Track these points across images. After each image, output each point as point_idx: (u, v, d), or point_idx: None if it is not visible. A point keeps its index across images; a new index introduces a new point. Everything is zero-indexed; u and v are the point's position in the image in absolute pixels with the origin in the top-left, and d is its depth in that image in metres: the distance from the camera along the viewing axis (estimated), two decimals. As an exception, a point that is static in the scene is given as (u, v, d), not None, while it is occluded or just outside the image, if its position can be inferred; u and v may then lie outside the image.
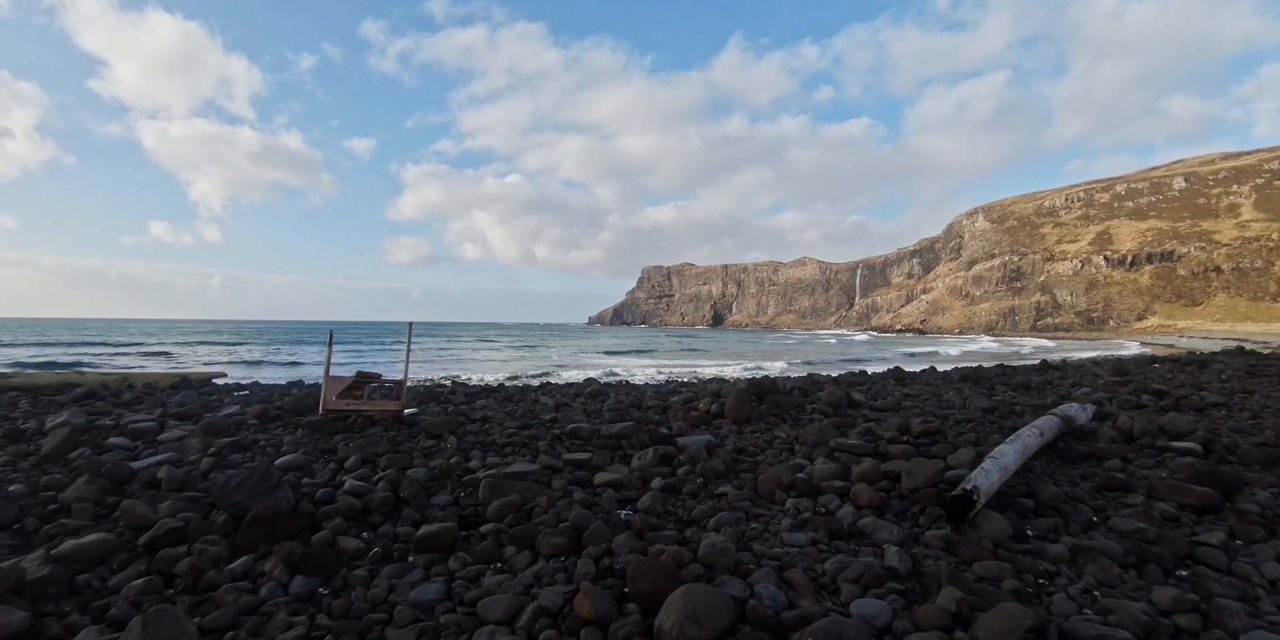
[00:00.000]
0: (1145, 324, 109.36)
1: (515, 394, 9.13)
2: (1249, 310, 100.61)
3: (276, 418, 6.19)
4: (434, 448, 5.23)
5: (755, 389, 7.84)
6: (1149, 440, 5.75)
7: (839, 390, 7.70)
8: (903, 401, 8.21)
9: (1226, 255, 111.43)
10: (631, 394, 8.90)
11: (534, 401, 8.13)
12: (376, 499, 3.90)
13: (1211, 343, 60.50)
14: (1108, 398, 8.34)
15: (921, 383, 9.88)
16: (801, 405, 7.64)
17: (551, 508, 3.89)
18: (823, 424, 5.97)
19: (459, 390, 9.42)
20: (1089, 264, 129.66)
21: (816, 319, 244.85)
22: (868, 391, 9.03)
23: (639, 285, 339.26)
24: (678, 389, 9.51)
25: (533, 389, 9.65)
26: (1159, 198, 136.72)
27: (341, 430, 5.71)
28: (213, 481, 4.01)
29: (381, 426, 5.85)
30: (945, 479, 4.38)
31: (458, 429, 5.70)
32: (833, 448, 5.51)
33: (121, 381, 9.52)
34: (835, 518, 3.84)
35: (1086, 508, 4.14)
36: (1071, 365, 12.47)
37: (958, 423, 6.87)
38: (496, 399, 8.51)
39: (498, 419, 6.36)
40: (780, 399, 7.52)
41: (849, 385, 9.59)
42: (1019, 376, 10.75)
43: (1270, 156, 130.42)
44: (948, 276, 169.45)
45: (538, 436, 5.58)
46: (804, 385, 8.67)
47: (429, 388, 9.97)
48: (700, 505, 4.12)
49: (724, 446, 5.62)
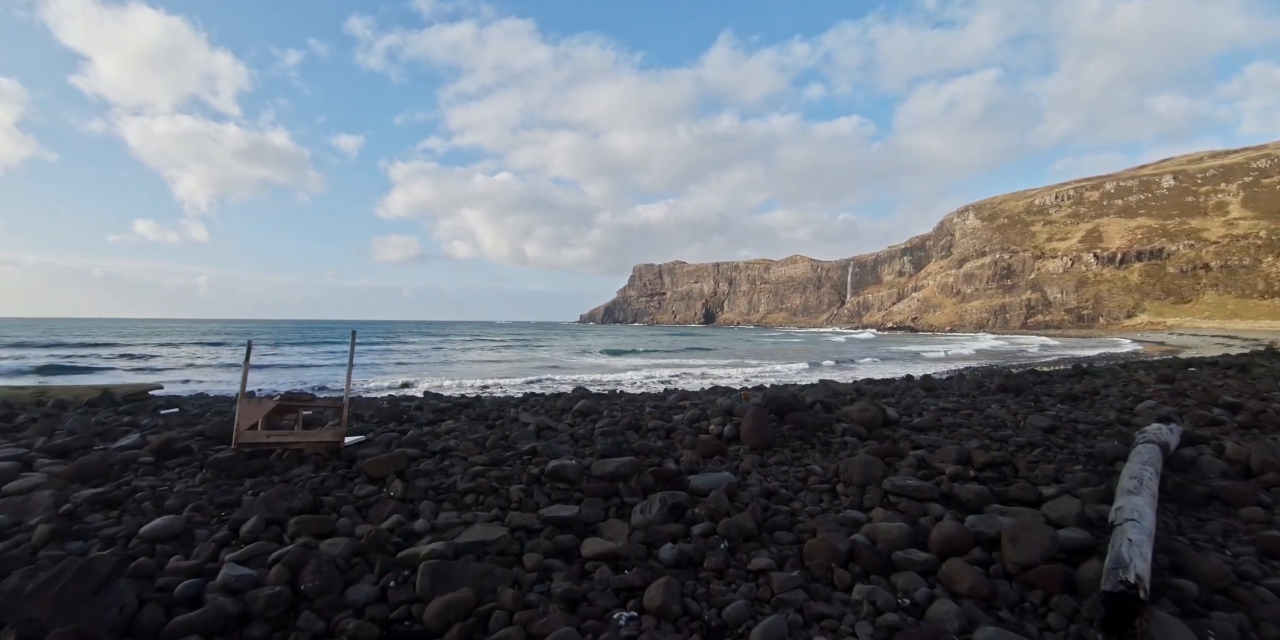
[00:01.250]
0: (1135, 321, 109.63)
1: (492, 410, 7.87)
2: (1237, 307, 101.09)
3: (182, 452, 4.90)
4: (373, 497, 3.98)
5: (773, 405, 6.65)
6: (1275, 476, 4.61)
7: (873, 408, 6.52)
8: (942, 418, 7.06)
9: (1215, 253, 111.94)
10: (628, 410, 7.68)
11: (512, 421, 6.88)
12: (262, 598, 2.65)
13: (1201, 340, 60.40)
14: (1176, 412, 7.23)
15: (955, 393, 8.74)
16: (829, 425, 6.46)
17: (519, 610, 2.66)
18: (867, 458, 4.78)
19: (428, 405, 8.13)
20: (1079, 262, 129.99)
21: (808, 317, 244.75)
22: (898, 404, 7.88)
23: (630, 283, 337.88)
24: (680, 402, 8.30)
25: (514, 403, 8.38)
26: (1148, 196, 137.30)
27: (257, 471, 4.44)
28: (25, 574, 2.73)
29: (312, 464, 4.59)
30: (1061, 545, 3.21)
31: (408, 468, 4.44)
32: (887, 490, 4.33)
33: (33, 397, 8.17)
34: (933, 622, 2.65)
35: (1269, 592, 2.97)
36: (1107, 370, 11.44)
37: (1020, 448, 5.71)
38: (469, 417, 7.25)
39: (463, 451, 5.10)
40: (804, 417, 6.33)
41: (874, 396, 8.43)
42: (1059, 384, 9.66)
43: (1258, 155, 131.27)
44: (939, 274, 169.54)
45: (511, 478, 4.35)
46: (827, 398, 7.48)
47: (393, 402, 8.69)
48: (732, 594, 2.91)
49: (748, 487, 4.42)
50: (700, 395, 9.01)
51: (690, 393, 10.08)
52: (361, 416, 7.47)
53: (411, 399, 9.07)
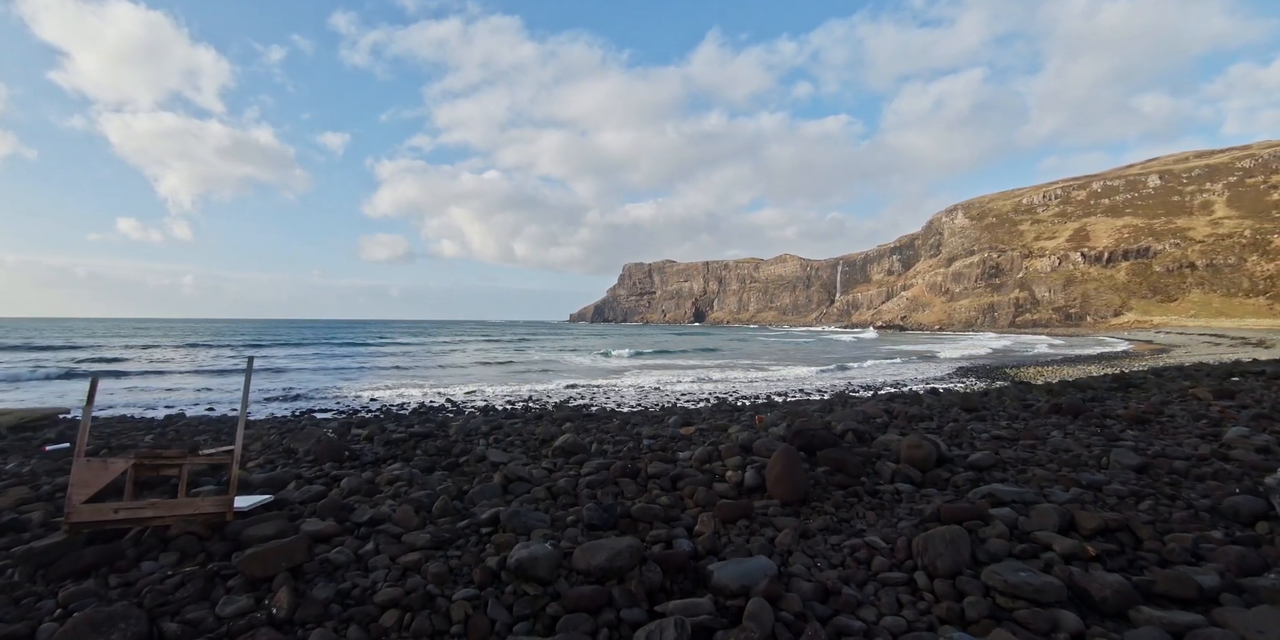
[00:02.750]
0: (1122, 320, 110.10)
1: (456, 442, 6.51)
2: (1222, 306, 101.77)
3: (8, 528, 3.53)
4: (242, 618, 2.65)
5: (801, 440, 5.38)
6: None
7: (925, 443, 5.27)
8: (1000, 450, 5.84)
9: (1200, 252, 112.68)
10: (621, 440, 6.37)
11: (479, 460, 5.55)
12: None
13: (1189, 338, 60.28)
14: (1276, 442, 6.06)
15: (1002, 415, 7.53)
16: (871, 463, 5.22)
17: None
18: (952, 533, 3.50)
19: (380, 435, 6.74)
20: (1066, 260, 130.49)
21: (798, 316, 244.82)
22: (941, 431, 6.65)
23: (620, 282, 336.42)
24: (683, 428, 7.00)
25: (483, 432, 7.01)
26: (1134, 195, 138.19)
27: (96, 565, 3.09)
28: None
29: (178, 551, 3.24)
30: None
31: (308, 561, 3.10)
32: (990, 585, 3.07)
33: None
34: None
35: None
36: (1150, 381, 10.31)
37: (1122, 500, 4.48)
38: (425, 454, 5.89)
39: (399, 521, 3.76)
40: (842, 457, 5.06)
41: (910, 420, 7.19)
42: (1109, 400, 8.49)
43: (1242, 155, 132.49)
44: (927, 273, 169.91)
45: (457, 574, 3.03)
46: (859, 426, 6.22)
47: (341, 430, 7.30)
48: None
49: (793, 579, 3.15)
50: (705, 417, 7.72)
51: (693, 413, 8.80)
52: (295, 452, 6.10)
53: (361, 428, 7.63)
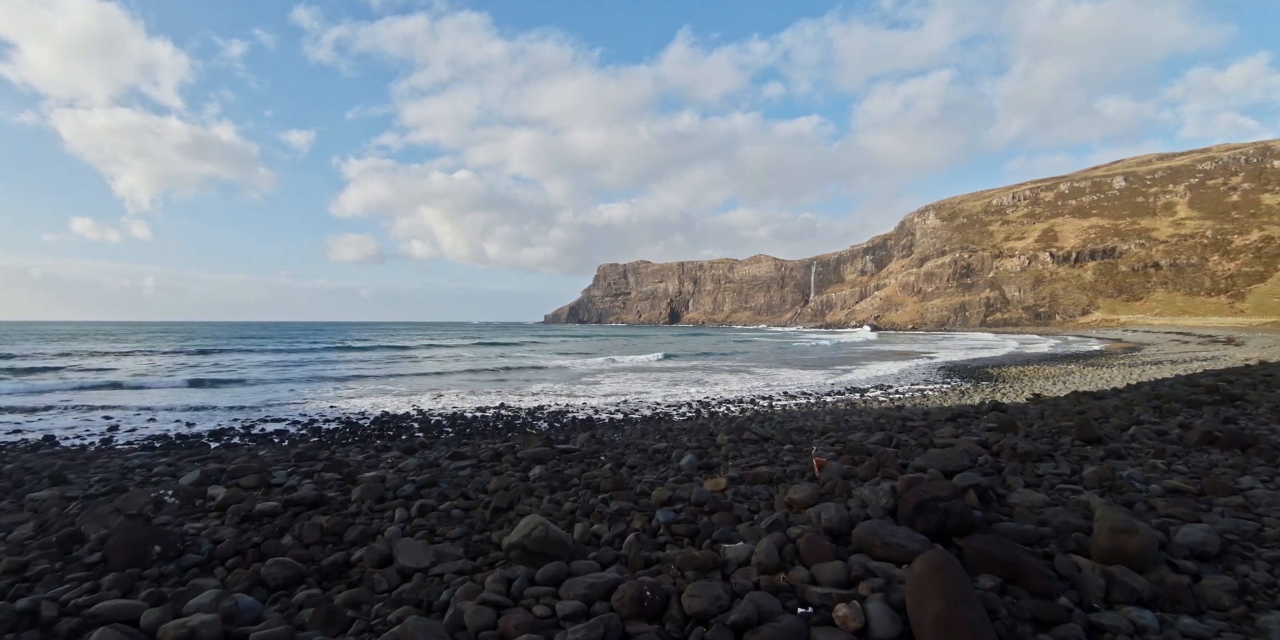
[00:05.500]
0: (1089, 318, 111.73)
1: (354, 519, 4.14)
2: (1185, 304, 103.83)
3: None
4: None
5: (928, 521, 3.21)
6: None
7: (1142, 531, 3.11)
8: (1199, 513, 3.75)
9: (1164, 252, 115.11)
10: (620, 506, 4.10)
11: (380, 563, 3.22)
12: None
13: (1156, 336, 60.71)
14: None
15: (1142, 449, 5.48)
16: (1048, 560, 3.07)
17: None
18: None
19: (238, 504, 4.29)
20: (1035, 260, 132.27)
21: (772, 315, 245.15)
22: (1079, 477, 4.56)
23: (595, 283, 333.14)
24: (708, 482, 4.75)
25: (402, 499, 4.55)
26: (1100, 196, 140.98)
27: None
28: None
29: None
30: None
31: None
32: None
33: None
34: None
35: None
36: (1247, 393, 8.49)
37: None
38: (296, 545, 3.54)
39: None
40: (1012, 558, 2.89)
41: (1023, 459, 5.08)
42: (1244, 421, 6.53)
43: (1203, 157, 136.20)
44: (900, 273, 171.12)
45: None
46: (980, 479, 4.07)
47: (188, 492, 4.84)
48: None
49: None
50: (725, 448, 5.45)
51: (700, 433, 6.56)
52: (82, 541, 3.68)
53: (239, 473, 5.14)
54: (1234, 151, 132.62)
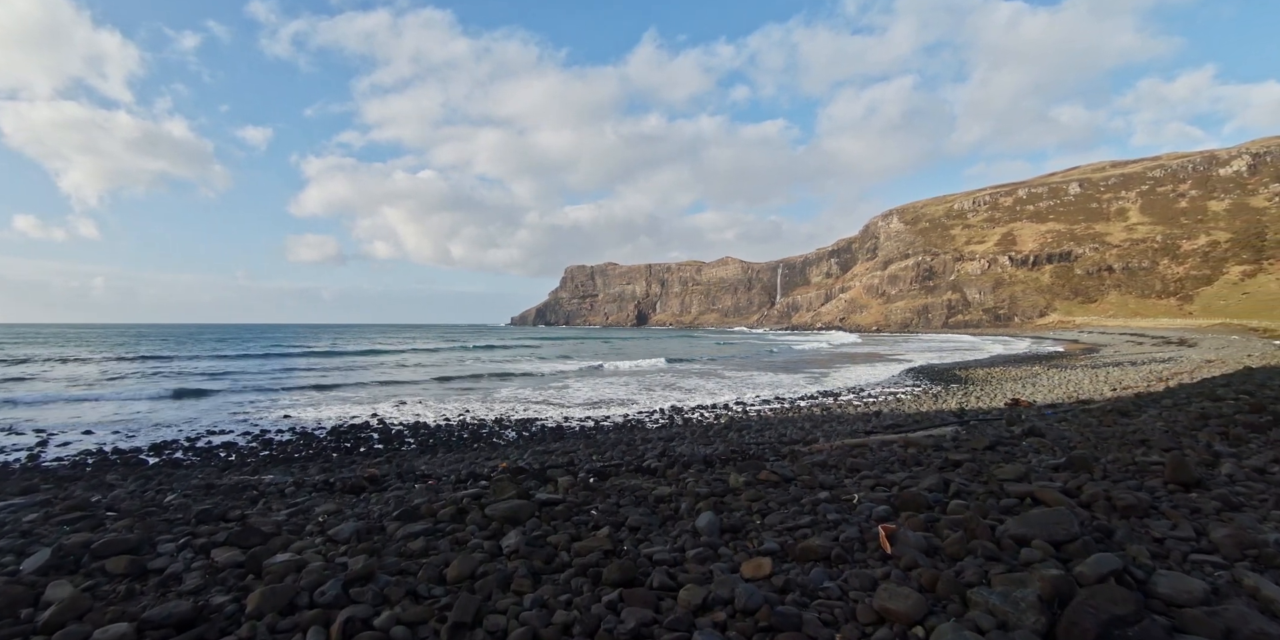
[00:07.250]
0: (1047, 320, 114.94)
1: None
2: (1138, 306, 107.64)
3: None
4: None
5: None
6: None
7: None
8: None
9: (1117, 255, 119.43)
10: (625, 624, 2.86)
11: None
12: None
13: (1111, 337, 62.43)
14: None
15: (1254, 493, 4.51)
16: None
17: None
18: None
19: (99, 612, 2.95)
20: (995, 263, 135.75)
21: (739, 317, 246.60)
22: (1220, 553, 3.50)
23: (562, 285, 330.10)
24: (746, 564, 3.47)
25: (339, 587, 3.26)
26: (1056, 202, 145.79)
27: None
28: None
29: None
30: None
31: None
32: None
33: None
34: None
35: None
36: None
37: None
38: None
39: None
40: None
41: (1125, 514, 4.03)
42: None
43: (1153, 165, 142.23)
44: (864, 276, 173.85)
45: None
46: (1118, 563, 2.97)
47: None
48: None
49: None
50: (779, 526, 4.18)
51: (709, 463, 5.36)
52: None
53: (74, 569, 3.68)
54: (1182, 160, 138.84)
